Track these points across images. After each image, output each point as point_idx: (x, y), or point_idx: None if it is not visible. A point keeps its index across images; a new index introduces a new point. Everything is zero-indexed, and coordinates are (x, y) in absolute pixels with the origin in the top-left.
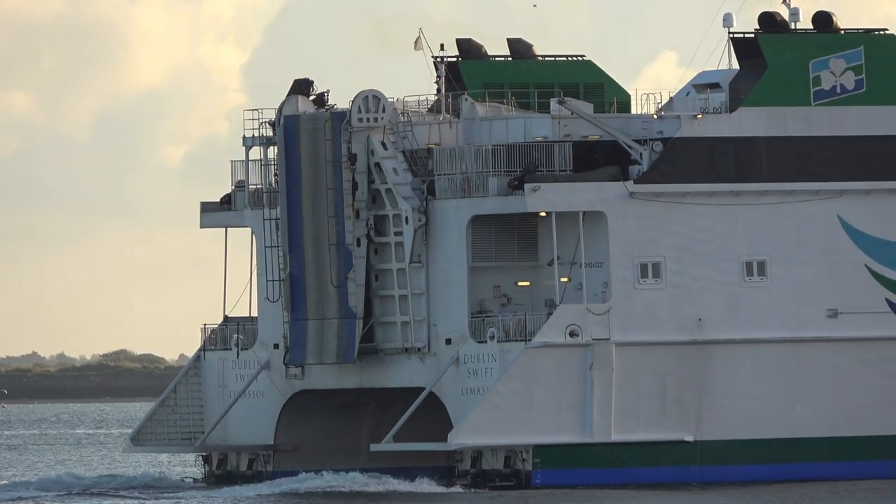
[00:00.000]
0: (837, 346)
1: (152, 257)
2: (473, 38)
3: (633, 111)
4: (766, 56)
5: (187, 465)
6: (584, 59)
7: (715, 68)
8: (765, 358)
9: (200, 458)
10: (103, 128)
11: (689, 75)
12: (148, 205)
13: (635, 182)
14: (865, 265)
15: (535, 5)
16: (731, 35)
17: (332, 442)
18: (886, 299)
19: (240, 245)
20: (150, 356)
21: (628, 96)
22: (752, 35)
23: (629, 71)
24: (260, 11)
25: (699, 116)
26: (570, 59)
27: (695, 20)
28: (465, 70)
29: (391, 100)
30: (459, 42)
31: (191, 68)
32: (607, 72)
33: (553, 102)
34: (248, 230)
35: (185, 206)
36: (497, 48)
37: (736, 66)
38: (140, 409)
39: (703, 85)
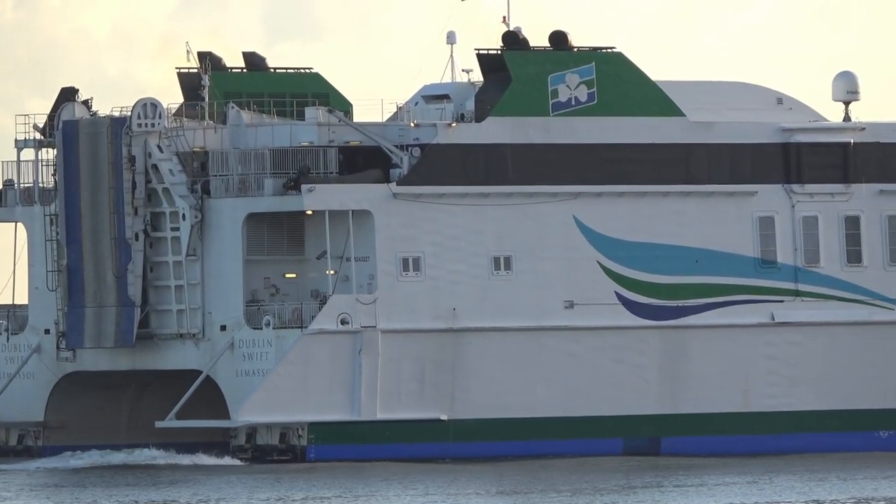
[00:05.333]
0: (573, 335)
1: None
2: (213, 52)
3: (356, 119)
4: (511, 71)
5: None
6: (313, 71)
7: (439, 81)
8: (510, 344)
9: None
10: None
11: (415, 87)
12: None
13: (398, 184)
14: (597, 261)
15: None
16: (478, 51)
17: (96, 420)
18: (615, 292)
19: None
20: None
21: (351, 106)
22: (498, 52)
23: (354, 82)
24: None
25: (453, 125)
26: (299, 71)
27: (418, 36)
28: (198, 80)
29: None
30: (201, 55)
31: None
32: (333, 83)
33: (310, 109)
34: (14, 225)
35: None
36: (235, 60)
37: (460, 78)
38: None
39: (432, 96)
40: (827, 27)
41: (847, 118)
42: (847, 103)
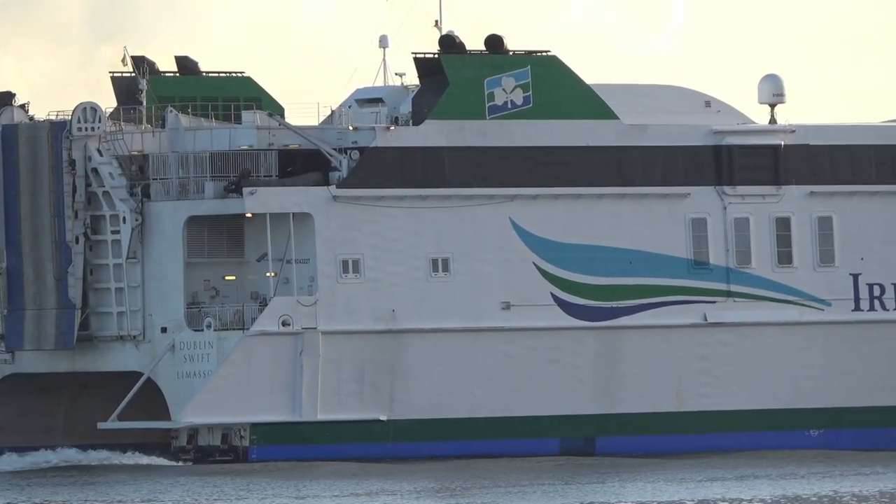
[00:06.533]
0: (510, 336)
1: None
2: (146, 56)
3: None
4: (448, 74)
5: None
6: (244, 75)
7: (372, 84)
8: (448, 345)
9: None
10: None
11: (347, 91)
12: None
13: (337, 187)
14: (533, 262)
15: None
16: (414, 55)
17: (33, 421)
18: (551, 293)
19: None
20: None
21: (283, 109)
22: (435, 55)
23: (285, 86)
24: None
25: (391, 128)
26: (231, 75)
27: (348, 40)
28: (136, 84)
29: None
30: (134, 59)
31: None
32: (265, 87)
33: (247, 113)
34: None
35: None
36: (168, 65)
37: (392, 82)
38: None
39: (365, 100)
40: (751, 30)
41: (773, 120)
42: (773, 106)
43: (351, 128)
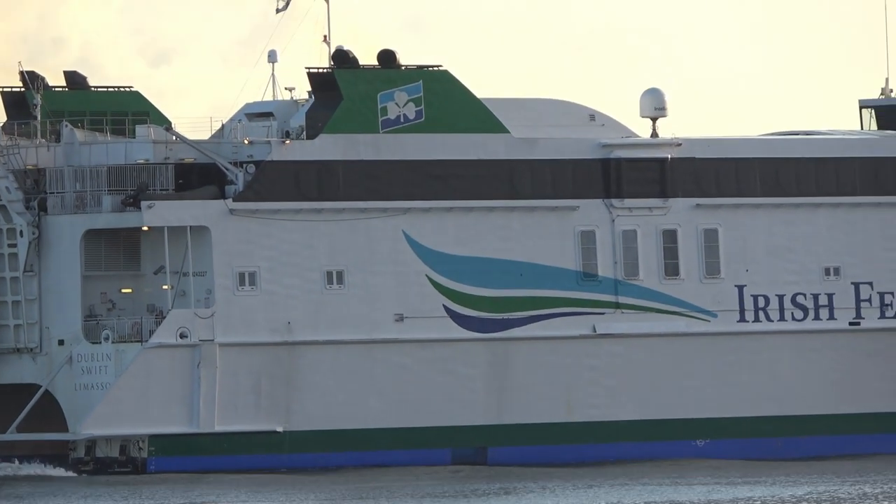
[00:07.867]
0: (403, 347)
1: None
2: (36, 70)
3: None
4: (342, 89)
5: None
6: (133, 90)
7: (261, 99)
8: (343, 357)
9: None
10: None
11: (235, 105)
12: None
13: (234, 200)
14: (426, 275)
15: None
16: (308, 69)
17: None
18: (443, 305)
19: None
20: None
21: (170, 123)
22: (329, 70)
23: (173, 100)
24: None
25: (287, 142)
26: (119, 90)
27: (241, 55)
28: (29, 99)
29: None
30: (24, 74)
31: None
32: (152, 101)
33: (141, 127)
34: None
35: None
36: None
37: (281, 96)
38: None
39: (255, 114)
40: (635, 43)
41: (655, 134)
42: (654, 119)
43: (246, 142)
